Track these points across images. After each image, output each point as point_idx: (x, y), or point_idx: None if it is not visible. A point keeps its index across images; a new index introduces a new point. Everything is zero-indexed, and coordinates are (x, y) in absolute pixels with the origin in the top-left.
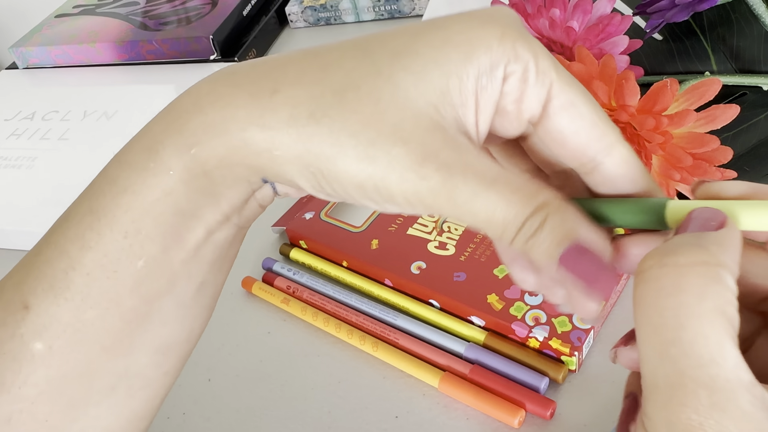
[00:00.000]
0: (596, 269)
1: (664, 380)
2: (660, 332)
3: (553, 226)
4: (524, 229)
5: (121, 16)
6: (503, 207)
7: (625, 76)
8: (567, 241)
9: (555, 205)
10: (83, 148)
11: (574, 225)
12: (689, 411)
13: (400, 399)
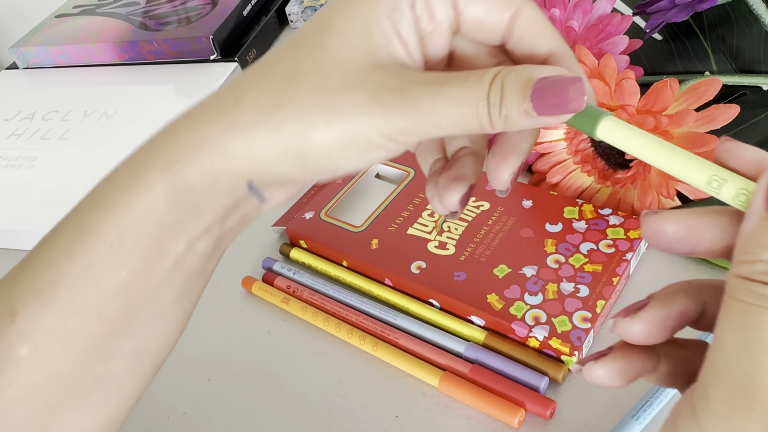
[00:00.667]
0: (565, 89)
1: (740, 369)
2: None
3: (511, 84)
4: (492, 103)
5: (121, 16)
6: (464, 95)
7: (625, 75)
8: (529, 86)
9: (504, 70)
10: (83, 148)
11: (529, 72)
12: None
13: (400, 399)
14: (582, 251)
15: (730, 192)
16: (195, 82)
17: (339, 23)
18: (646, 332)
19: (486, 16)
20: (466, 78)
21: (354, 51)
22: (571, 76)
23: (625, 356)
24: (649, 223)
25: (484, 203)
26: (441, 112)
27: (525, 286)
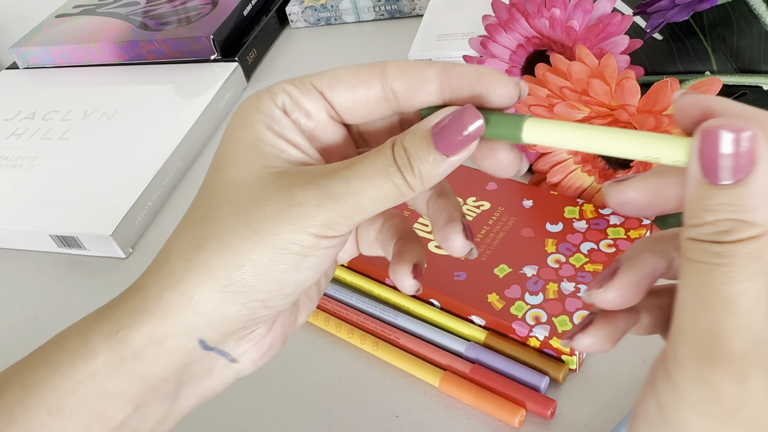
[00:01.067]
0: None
1: (702, 325)
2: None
3: (411, 142)
4: (402, 165)
5: (122, 16)
6: (372, 168)
7: (626, 75)
8: (428, 136)
9: (399, 135)
10: (84, 148)
11: (422, 126)
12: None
13: (400, 398)
14: (582, 251)
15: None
16: (195, 82)
17: (230, 154)
18: (622, 298)
19: (357, 96)
20: (368, 154)
21: (252, 171)
22: (460, 108)
23: (608, 321)
24: (613, 194)
25: (485, 203)
26: (357, 191)
27: (525, 286)
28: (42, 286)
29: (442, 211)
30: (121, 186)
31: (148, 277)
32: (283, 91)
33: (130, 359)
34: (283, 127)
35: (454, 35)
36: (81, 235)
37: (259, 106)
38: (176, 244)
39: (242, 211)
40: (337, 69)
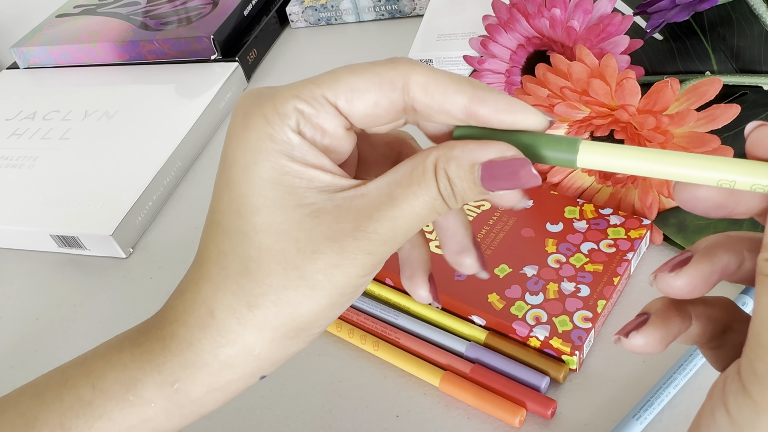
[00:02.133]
0: (516, 176)
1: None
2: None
3: (457, 174)
4: (446, 196)
5: (122, 16)
6: (418, 204)
7: (626, 75)
8: (476, 173)
9: (441, 159)
10: (84, 148)
11: (468, 159)
12: None
13: (401, 398)
14: (583, 251)
15: (745, 187)
16: (196, 82)
17: (255, 195)
18: (690, 286)
19: (375, 107)
20: (410, 184)
21: (287, 215)
22: (517, 159)
23: (663, 322)
24: (684, 188)
25: (485, 203)
26: (405, 227)
27: (526, 286)
28: (42, 286)
29: (455, 234)
30: (121, 186)
31: (189, 328)
32: (295, 111)
33: (189, 405)
34: (305, 154)
35: (455, 35)
36: (81, 235)
37: (273, 133)
38: (219, 300)
39: (291, 266)
40: (351, 76)
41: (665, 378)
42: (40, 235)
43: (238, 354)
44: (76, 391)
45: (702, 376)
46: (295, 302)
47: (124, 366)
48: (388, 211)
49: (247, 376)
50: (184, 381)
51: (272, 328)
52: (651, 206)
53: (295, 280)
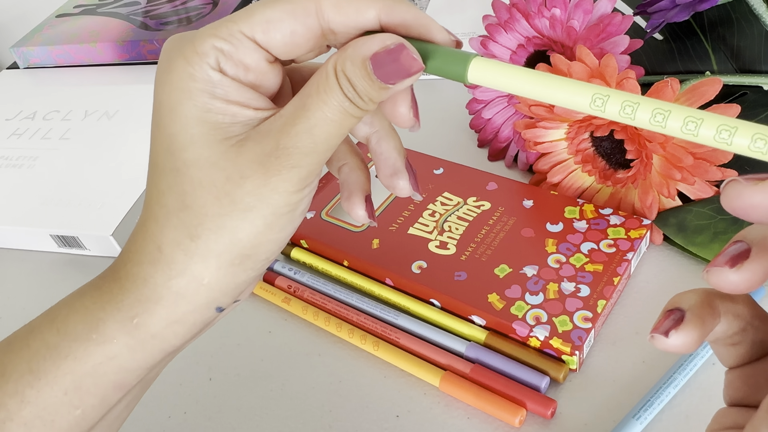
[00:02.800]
0: (395, 56)
1: None
2: None
3: (352, 72)
4: (352, 98)
5: (122, 16)
6: (329, 111)
7: (626, 75)
8: (367, 67)
9: (339, 60)
10: (84, 148)
11: (358, 53)
12: None
13: (401, 398)
14: (583, 251)
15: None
16: None
17: (181, 133)
18: (749, 283)
19: (293, 35)
20: (317, 92)
21: (213, 149)
22: (397, 46)
23: (701, 320)
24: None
25: (485, 203)
26: (324, 139)
27: (526, 286)
28: (42, 286)
29: (387, 158)
30: (121, 186)
31: (140, 264)
32: (213, 49)
33: (150, 339)
34: (228, 91)
35: None
36: (81, 235)
37: (193, 72)
38: (164, 236)
39: (223, 194)
40: (265, 9)
41: (665, 378)
42: (40, 235)
43: (189, 284)
44: (41, 337)
45: (702, 376)
46: (231, 227)
47: (86, 308)
48: (303, 122)
49: (202, 307)
50: (142, 315)
51: (216, 255)
52: (651, 206)
53: (228, 206)
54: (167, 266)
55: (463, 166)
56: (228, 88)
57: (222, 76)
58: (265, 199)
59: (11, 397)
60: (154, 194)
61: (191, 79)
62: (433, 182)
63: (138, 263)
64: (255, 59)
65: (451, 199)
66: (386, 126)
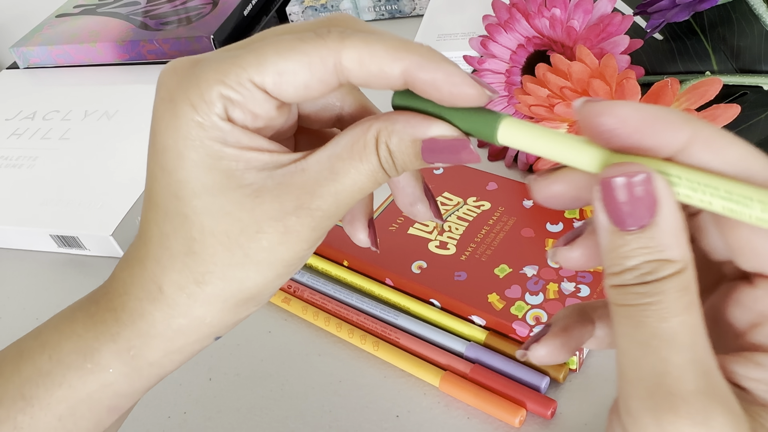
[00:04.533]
0: (455, 148)
1: (648, 368)
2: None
3: (398, 148)
4: (387, 168)
5: (122, 16)
6: (360, 178)
7: (626, 75)
8: (418, 149)
9: (383, 132)
10: (84, 148)
11: (410, 134)
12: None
13: (400, 398)
14: None
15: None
16: None
17: (193, 180)
18: (585, 257)
19: (306, 89)
20: (351, 158)
21: (228, 197)
22: (458, 140)
23: (562, 331)
24: (538, 189)
25: (485, 203)
26: (348, 201)
27: (526, 286)
28: (42, 286)
29: (405, 187)
30: (121, 186)
31: (140, 302)
32: (221, 98)
33: (147, 367)
34: (239, 138)
35: (455, 35)
36: (81, 235)
37: (202, 121)
38: (166, 277)
39: (236, 245)
40: (278, 58)
41: None
42: (40, 235)
43: (190, 324)
44: (32, 362)
45: None
46: (241, 277)
47: (79, 336)
48: (330, 186)
49: (201, 339)
50: (139, 348)
51: (222, 300)
52: None
53: (240, 258)
54: (168, 307)
55: (463, 166)
56: (239, 136)
57: (231, 126)
58: (279, 255)
59: (3, 423)
60: (155, 234)
61: (200, 128)
62: (433, 182)
63: (136, 298)
64: (264, 109)
65: (451, 199)
66: None
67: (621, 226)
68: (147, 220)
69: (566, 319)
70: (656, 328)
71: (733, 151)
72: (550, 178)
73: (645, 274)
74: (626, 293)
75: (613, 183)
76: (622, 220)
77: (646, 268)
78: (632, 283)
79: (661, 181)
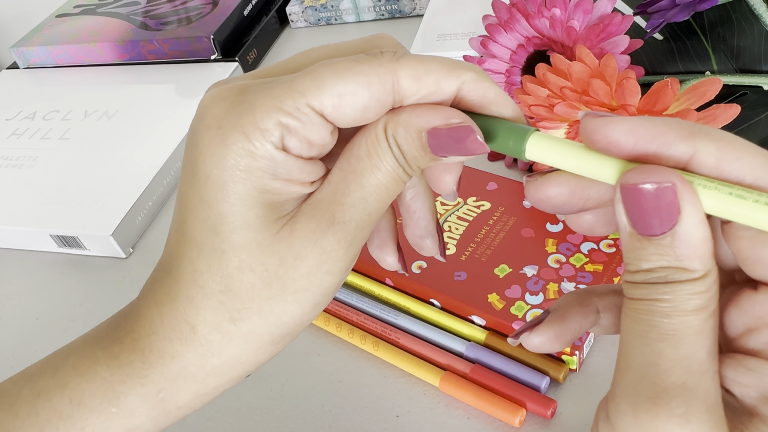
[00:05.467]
0: (460, 137)
1: (639, 358)
2: (642, 320)
3: (405, 141)
4: (402, 164)
5: (122, 16)
6: (377, 171)
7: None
8: (423, 140)
9: (390, 124)
10: (84, 148)
11: (415, 124)
12: (659, 390)
13: (401, 398)
14: (583, 251)
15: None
16: (195, 82)
17: (235, 214)
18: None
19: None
20: (369, 156)
21: (267, 230)
22: (463, 127)
23: (559, 320)
24: (532, 189)
25: (485, 203)
26: (377, 205)
27: (526, 286)
28: (42, 286)
29: (421, 218)
30: (121, 186)
31: (170, 342)
32: (278, 126)
33: (176, 410)
34: (290, 170)
35: (455, 35)
36: (81, 235)
37: (254, 151)
38: (199, 317)
39: (274, 278)
40: (336, 80)
41: None
42: (40, 235)
43: (224, 364)
44: (51, 405)
45: None
46: (279, 311)
47: (103, 379)
48: (357, 192)
49: (233, 379)
50: (169, 390)
51: (258, 337)
52: None
53: (278, 290)
54: (201, 347)
55: (463, 166)
56: (291, 167)
57: (285, 155)
58: (318, 280)
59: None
60: (188, 272)
61: (251, 158)
62: None
63: (165, 339)
64: (321, 135)
65: None
66: (425, 184)
67: (640, 231)
68: (179, 255)
69: (566, 308)
70: (658, 322)
71: (751, 158)
72: (543, 180)
73: (658, 278)
74: (637, 288)
75: (634, 188)
76: (642, 226)
77: (660, 273)
78: (643, 281)
79: (686, 189)
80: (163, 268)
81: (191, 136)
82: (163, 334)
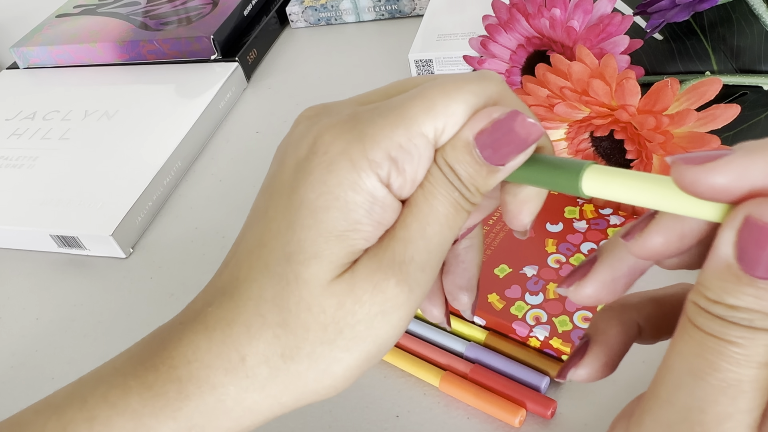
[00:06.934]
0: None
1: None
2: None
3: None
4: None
5: (122, 16)
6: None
7: (626, 75)
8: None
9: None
10: (84, 148)
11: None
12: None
13: (401, 398)
14: (583, 251)
15: None
16: (195, 82)
17: (314, 244)
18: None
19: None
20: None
21: (334, 268)
22: (504, 114)
23: (604, 349)
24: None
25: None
26: (437, 239)
27: (526, 286)
28: (42, 286)
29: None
30: (121, 186)
31: (213, 371)
32: (388, 160)
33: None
34: (385, 211)
35: (454, 35)
36: (81, 235)
37: (358, 182)
38: (252, 347)
39: (330, 321)
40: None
41: None
42: (40, 235)
43: (264, 401)
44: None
45: None
46: (330, 358)
47: (134, 411)
48: (414, 222)
49: (269, 419)
50: (201, 427)
51: (303, 382)
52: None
53: (333, 334)
54: (246, 379)
55: None
56: (386, 208)
57: (386, 193)
58: (374, 329)
59: None
60: (254, 297)
61: (353, 190)
62: None
63: (209, 367)
64: (425, 168)
65: None
66: (481, 238)
67: (746, 269)
68: (248, 279)
69: (606, 330)
70: (722, 368)
71: None
72: (646, 233)
73: (742, 318)
74: (712, 320)
75: (761, 225)
76: (751, 266)
77: (746, 315)
78: (718, 315)
79: None
80: (221, 291)
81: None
82: (208, 361)
